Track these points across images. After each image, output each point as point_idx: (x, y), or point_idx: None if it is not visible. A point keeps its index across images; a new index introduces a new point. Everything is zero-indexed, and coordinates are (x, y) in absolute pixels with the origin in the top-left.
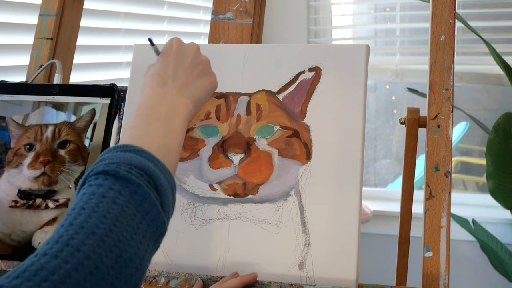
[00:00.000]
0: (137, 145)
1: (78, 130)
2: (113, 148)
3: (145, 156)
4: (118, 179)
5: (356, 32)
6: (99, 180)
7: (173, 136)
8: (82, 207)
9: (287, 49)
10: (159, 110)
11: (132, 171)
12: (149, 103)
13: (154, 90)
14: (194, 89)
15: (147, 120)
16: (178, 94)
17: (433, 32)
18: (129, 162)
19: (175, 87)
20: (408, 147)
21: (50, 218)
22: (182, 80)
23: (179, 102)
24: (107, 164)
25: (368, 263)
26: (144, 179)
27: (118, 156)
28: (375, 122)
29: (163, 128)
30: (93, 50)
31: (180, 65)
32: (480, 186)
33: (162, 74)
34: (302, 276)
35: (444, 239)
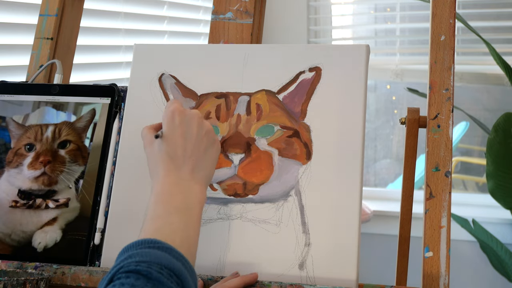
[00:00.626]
0: (163, 240)
1: (78, 130)
2: (141, 242)
3: (174, 255)
4: (150, 280)
5: (356, 32)
6: (131, 280)
7: (192, 228)
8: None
9: (287, 49)
10: (177, 198)
11: (163, 272)
12: (167, 190)
13: (169, 177)
14: (204, 168)
15: (168, 209)
16: (192, 179)
17: (433, 32)
18: (160, 261)
19: (188, 171)
20: (408, 147)
21: (50, 218)
22: (192, 160)
23: (195, 189)
24: (137, 263)
25: (368, 263)
26: (174, 281)
27: (148, 253)
28: (375, 122)
29: (183, 219)
30: (93, 50)
31: (188, 141)
32: (480, 186)
33: (173, 155)
34: (302, 276)
35: (444, 239)
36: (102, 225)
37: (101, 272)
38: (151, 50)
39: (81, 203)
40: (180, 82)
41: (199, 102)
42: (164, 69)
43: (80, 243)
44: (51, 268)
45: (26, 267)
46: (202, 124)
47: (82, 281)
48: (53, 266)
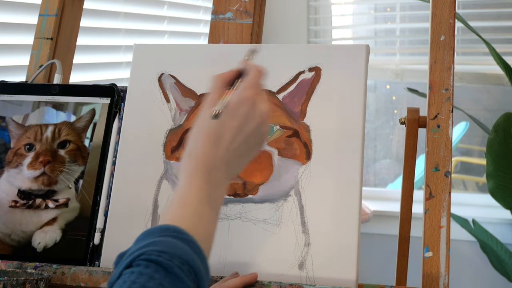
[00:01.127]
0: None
1: (78, 130)
2: (166, 229)
3: (195, 250)
4: (170, 274)
5: (356, 32)
6: (150, 270)
7: (214, 223)
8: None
9: (287, 49)
10: (208, 188)
11: (183, 268)
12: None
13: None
14: (235, 167)
15: (200, 197)
16: (224, 172)
17: (433, 32)
18: (181, 256)
19: (224, 162)
20: (408, 147)
21: (50, 218)
22: (232, 155)
23: (224, 184)
24: (159, 253)
25: (368, 263)
26: (192, 279)
27: (171, 244)
28: (375, 122)
29: (209, 212)
30: (93, 50)
31: (240, 134)
32: (480, 186)
33: (218, 137)
34: (302, 276)
35: (444, 239)
36: (102, 225)
37: (101, 272)
38: (151, 50)
39: (80, 203)
40: (179, 82)
41: (199, 102)
42: (163, 69)
43: (79, 243)
44: (50, 268)
45: (25, 267)
46: (262, 126)
47: (81, 281)
48: (53, 266)
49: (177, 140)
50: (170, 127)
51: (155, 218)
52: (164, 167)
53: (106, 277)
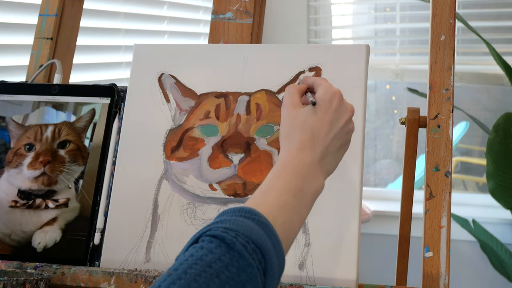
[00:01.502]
0: (263, 214)
1: (78, 130)
2: (239, 210)
3: (267, 231)
4: (231, 250)
5: (356, 32)
6: (211, 245)
7: (300, 215)
8: (185, 271)
9: (287, 49)
10: (299, 179)
11: (247, 246)
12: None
13: (302, 152)
14: (331, 162)
15: (286, 186)
16: (319, 167)
17: (433, 32)
18: (248, 234)
19: (320, 156)
20: (408, 147)
21: (50, 218)
22: (327, 150)
23: (318, 179)
24: (225, 229)
25: (368, 263)
26: (257, 258)
27: (240, 222)
28: (375, 122)
29: (296, 203)
30: (93, 50)
31: (333, 129)
32: (480, 186)
33: (315, 133)
34: (302, 276)
35: (444, 239)
36: (101, 225)
37: (101, 272)
38: (151, 50)
39: (80, 203)
40: (179, 81)
41: (199, 102)
42: (163, 69)
43: (79, 243)
44: (50, 268)
45: (25, 267)
46: (350, 122)
47: (81, 281)
48: (53, 266)
49: (177, 140)
50: (170, 127)
51: (155, 218)
52: (164, 167)
53: (106, 277)
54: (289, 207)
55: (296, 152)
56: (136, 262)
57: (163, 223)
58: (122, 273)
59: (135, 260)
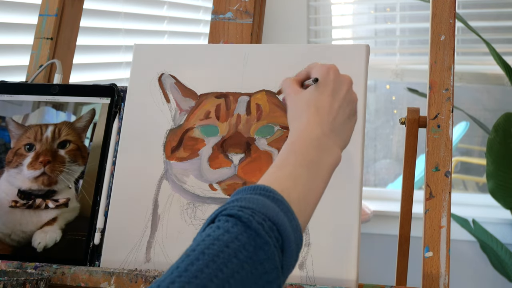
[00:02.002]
0: (277, 190)
1: (78, 130)
2: (253, 188)
3: (282, 208)
4: (248, 229)
5: (356, 32)
6: (228, 224)
7: (316, 187)
8: (202, 252)
9: (287, 49)
10: (312, 152)
11: (264, 224)
12: (304, 141)
13: (311, 126)
14: (343, 133)
15: (299, 161)
16: (332, 138)
17: (433, 32)
18: (265, 212)
19: (329, 128)
20: (408, 147)
21: (50, 218)
22: (335, 121)
23: (333, 149)
24: (241, 208)
25: (368, 263)
26: (274, 236)
27: (255, 200)
28: (375, 122)
29: (311, 175)
30: (93, 50)
31: (336, 100)
32: (480, 186)
33: (319, 107)
34: (302, 276)
35: (444, 239)
36: (102, 225)
37: (101, 272)
38: (151, 50)
39: (81, 203)
40: (179, 82)
41: (199, 102)
42: (164, 69)
43: (80, 243)
44: (50, 268)
45: (26, 267)
46: (351, 91)
47: (82, 281)
48: (53, 266)
49: (177, 140)
50: (170, 127)
51: (155, 218)
52: (164, 167)
53: (106, 277)
54: (304, 181)
55: (305, 127)
56: (136, 262)
57: (163, 223)
58: (122, 273)
59: (135, 260)
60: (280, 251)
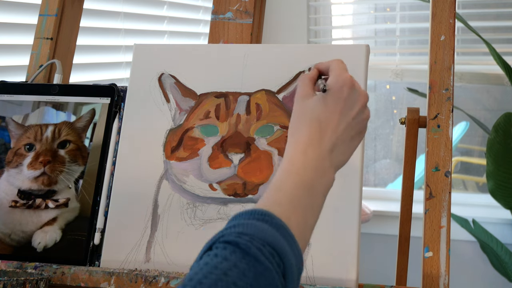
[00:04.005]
0: (277, 215)
1: (78, 130)
2: (251, 212)
3: (282, 232)
4: (246, 255)
5: (356, 32)
6: (226, 252)
7: (313, 211)
8: (200, 282)
9: (287, 49)
10: (309, 175)
11: (263, 249)
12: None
13: (310, 146)
14: (342, 154)
15: (296, 183)
16: (328, 160)
17: (433, 32)
18: (263, 237)
19: (328, 149)
20: (408, 147)
21: (50, 218)
22: (337, 140)
23: (328, 172)
24: (239, 234)
25: (368, 263)
26: (275, 261)
27: (254, 226)
28: (375, 122)
29: (308, 199)
30: (93, 50)
31: (344, 119)
32: (480, 186)
33: (323, 124)
34: (302, 276)
35: (444, 239)
36: (102, 225)
37: (101, 272)
38: (151, 50)
39: (81, 203)
40: (179, 81)
41: (199, 102)
42: (163, 69)
43: (80, 243)
44: (50, 268)
45: (26, 267)
46: (364, 110)
47: (82, 281)
48: (53, 266)
49: (177, 140)
50: (170, 127)
51: (155, 218)
52: (164, 167)
53: (106, 277)
54: (302, 204)
55: (303, 147)
56: (136, 262)
57: (163, 223)
58: (122, 273)
59: (135, 260)
60: (282, 277)
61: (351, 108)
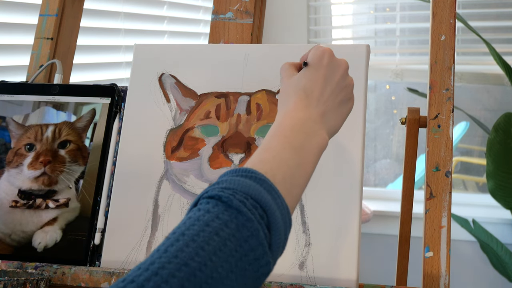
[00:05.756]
0: (261, 172)
1: (79, 130)
2: (235, 170)
3: (265, 187)
4: (229, 207)
5: (356, 32)
6: (208, 205)
7: (302, 169)
8: (183, 233)
9: (287, 49)
10: (297, 136)
11: (246, 202)
12: (290, 124)
13: (297, 111)
14: (334, 119)
15: (283, 144)
16: (319, 123)
17: (434, 32)
18: (246, 191)
19: (317, 112)
20: (408, 147)
21: (50, 218)
22: (326, 106)
23: (319, 133)
24: (222, 189)
25: (368, 263)
26: (257, 213)
27: (237, 181)
28: (375, 122)
29: (295, 158)
30: (93, 50)
31: (328, 85)
32: (480, 186)
33: (309, 92)
34: (303, 276)
35: (444, 239)
36: (102, 225)
37: (101, 272)
38: (151, 50)
39: (81, 203)
40: (180, 81)
41: (199, 102)
42: (164, 69)
43: (80, 243)
44: (51, 268)
45: (26, 267)
46: (346, 76)
47: (82, 281)
48: (53, 266)
49: (178, 140)
50: (171, 127)
51: (155, 218)
52: (164, 167)
53: (106, 277)
54: (290, 163)
55: (291, 112)
56: (136, 262)
57: (163, 223)
58: (122, 273)
59: (135, 260)
60: (266, 229)
61: (333, 73)
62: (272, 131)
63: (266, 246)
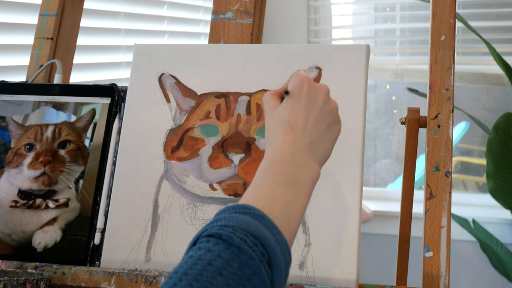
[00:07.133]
0: (258, 208)
1: (78, 130)
2: (232, 207)
3: (264, 223)
4: (230, 246)
5: (356, 32)
6: (209, 244)
7: (297, 202)
8: (185, 273)
9: (287, 49)
10: (289, 170)
11: (246, 239)
12: (280, 159)
13: (285, 145)
14: (322, 146)
15: (276, 179)
16: (308, 154)
17: (434, 32)
18: (246, 228)
19: (305, 144)
20: (408, 147)
21: (50, 218)
22: (312, 135)
23: (309, 165)
24: (221, 227)
25: (368, 263)
26: (258, 250)
27: (236, 218)
28: (375, 122)
29: (290, 192)
30: (93, 50)
31: (311, 113)
32: (480, 186)
33: (293, 124)
34: (303, 276)
35: (444, 239)
36: (102, 225)
37: (101, 272)
38: (151, 50)
39: (81, 203)
40: (180, 81)
41: (199, 102)
42: (164, 69)
43: (80, 243)
44: (51, 268)
45: (26, 267)
46: (329, 100)
47: (82, 281)
48: (53, 266)
49: (178, 140)
50: (171, 127)
51: (155, 218)
52: (164, 167)
53: (106, 277)
54: (285, 197)
55: (279, 147)
56: (136, 262)
57: (163, 223)
58: (122, 273)
59: (135, 260)
60: (268, 266)
61: (314, 101)
62: (263, 167)
63: (269, 284)
